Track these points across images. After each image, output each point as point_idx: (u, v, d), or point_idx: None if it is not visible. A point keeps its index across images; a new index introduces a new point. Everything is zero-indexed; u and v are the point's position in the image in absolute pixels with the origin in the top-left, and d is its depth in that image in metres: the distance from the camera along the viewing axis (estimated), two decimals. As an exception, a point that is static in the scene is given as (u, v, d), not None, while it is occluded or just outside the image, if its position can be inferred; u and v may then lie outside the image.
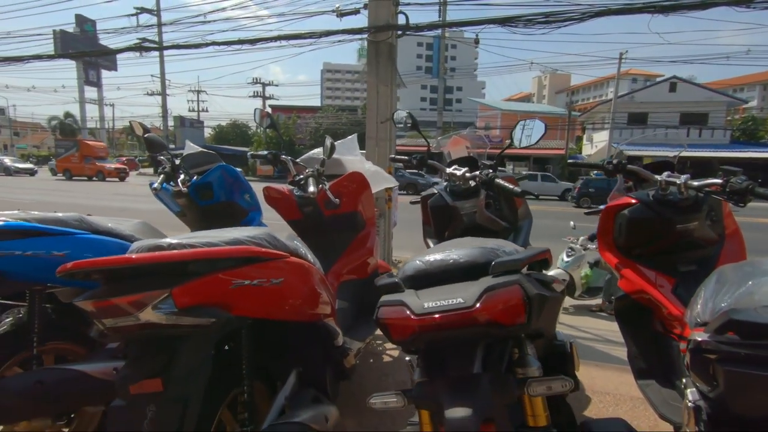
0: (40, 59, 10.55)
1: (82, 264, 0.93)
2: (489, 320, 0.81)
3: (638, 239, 1.80)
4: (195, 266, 1.04)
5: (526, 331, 0.86)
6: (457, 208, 1.95)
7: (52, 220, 1.46)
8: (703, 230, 1.68)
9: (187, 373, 1.03)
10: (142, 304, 0.96)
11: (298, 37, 7.82)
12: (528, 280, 0.85)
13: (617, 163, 1.82)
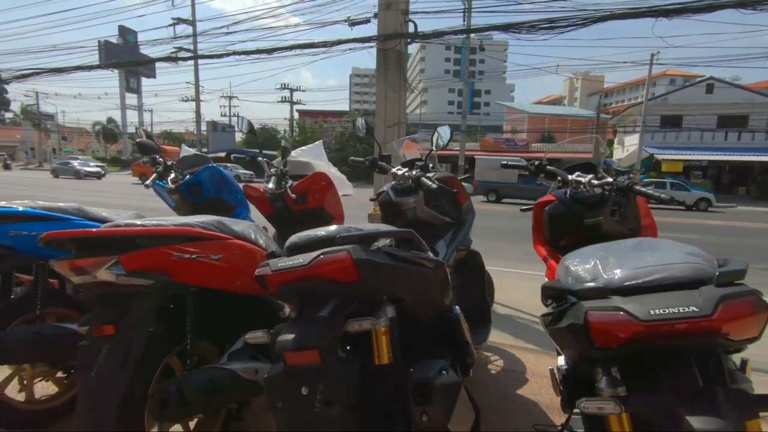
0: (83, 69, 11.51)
1: (54, 234, 1.27)
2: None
3: (559, 232, 2.01)
4: (141, 240, 1.35)
5: (360, 288, 1.07)
6: (400, 203, 2.20)
7: (55, 208, 1.82)
8: (609, 224, 1.86)
9: (134, 322, 1.34)
10: (98, 265, 1.28)
11: (312, 46, 8.20)
12: (367, 250, 1.06)
13: (538, 165, 2.03)
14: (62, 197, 13.58)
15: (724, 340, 0.81)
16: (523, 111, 37.34)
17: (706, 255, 0.96)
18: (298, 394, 1.00)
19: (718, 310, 0.78)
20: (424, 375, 1.07)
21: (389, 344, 1.14)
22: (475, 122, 47.08)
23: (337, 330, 1.04)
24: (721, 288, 0.82)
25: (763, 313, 0.79)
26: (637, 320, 0.82)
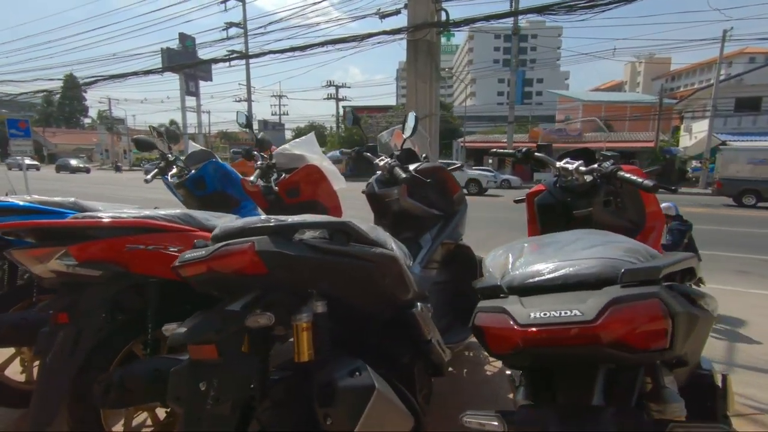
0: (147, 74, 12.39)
1: (9, 225, 1.34)
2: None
3: (549, 225, 1.85)
4: (93, 231, 1.39)
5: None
6: (383, 195, 2.12)
7: (51, 202, 1.93)
8: (602, 216, 1.68)
9: (86, 310, 1.39)
10: (49, 256, 1.33)
11: (343, 41, 8.22)
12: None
13: (526, 152, 1.88)
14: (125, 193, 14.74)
15: (622, 351, 0.66)
16: (576, 99, 35.35)
17: (644, 252, 0.81)
18: (196, 389, 0.97)
19: (603, 316, 0.65)
20: (329, 375, 1.00)
21: (310, 341, 1.08)
22: (526, 112, 45.30)
23: (237, 324, 0.99)
24: (623, 289, 0.68)
25: (662, 319, 0.64)
26: (517, 324, 0.71)
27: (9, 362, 1.93)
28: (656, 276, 0.71)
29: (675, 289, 0.73)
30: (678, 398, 0.74)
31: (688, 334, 0.69)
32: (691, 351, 0.83)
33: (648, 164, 24.58)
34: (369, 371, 1.04)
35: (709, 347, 2.72)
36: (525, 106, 52.12)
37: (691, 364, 0.89)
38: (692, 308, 0.71)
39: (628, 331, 0.66)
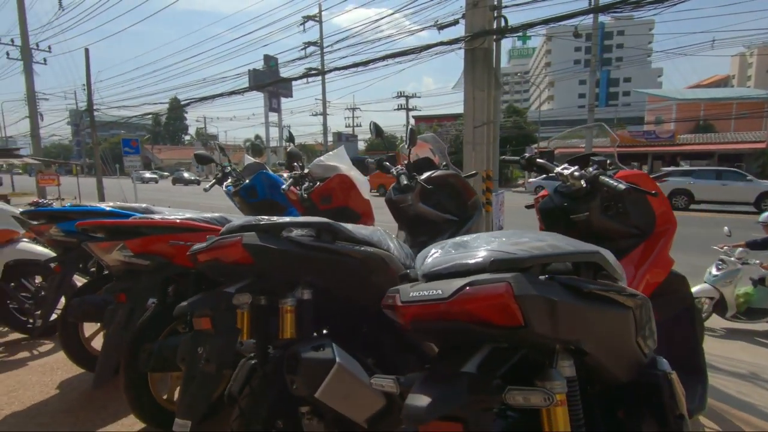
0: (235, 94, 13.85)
1: (85, 223, 1.73)
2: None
3: (553, 229, 1.88)
4: (145, 229, 1.74)
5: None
6: (398, 201, 2.29)
7: (128, 207, 2.37)
8: (600, 220, 1.69)
9: (138, 292, 1.74)
10: (112, 248, 1.70)
11: (402, 54, 8.49)
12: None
13: (528, 158, 1.93)
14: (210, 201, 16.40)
15: (487, 328, 0.77)
16: (668, 97, 32.15)
17: (548, 248, 0.89)
18: (194, 352, 1.22)
19: (457, 294, 0.76)
20: (297, 348, 1.19)
21: (293, 322, 1.30)
22: (611, 115, 42.15)
23: (226, 302, 1.23)
24: (485, 275, 0.79)
25: (506, 299, 0.73)
26: (399, 301, 0.85)
27: (95, 335, 2.39)
28: (520, 265, 0.80)
29: (556, 280, 0.82)
30: (560, 377, 0.81)
31: (551, 317, 0.77)
32: (597, 341, 0.88)
33: (757, 168, 21.60)
34: (333, 348, 1.21)
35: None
36: (610, 108, 48.50)
37: (622, 359, 0.95)
38: (563, 296, 0.78)
39: (475, 308, 0.76)
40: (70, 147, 51.45)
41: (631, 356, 1.03)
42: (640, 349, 1.04)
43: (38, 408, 2.10)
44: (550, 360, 0.87)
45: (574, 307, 0.81)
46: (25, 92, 17.99)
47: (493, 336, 0.80)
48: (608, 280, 0.99)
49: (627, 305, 0.94)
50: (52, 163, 19.58)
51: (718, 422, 1.94)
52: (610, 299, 0.90)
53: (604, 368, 0.99)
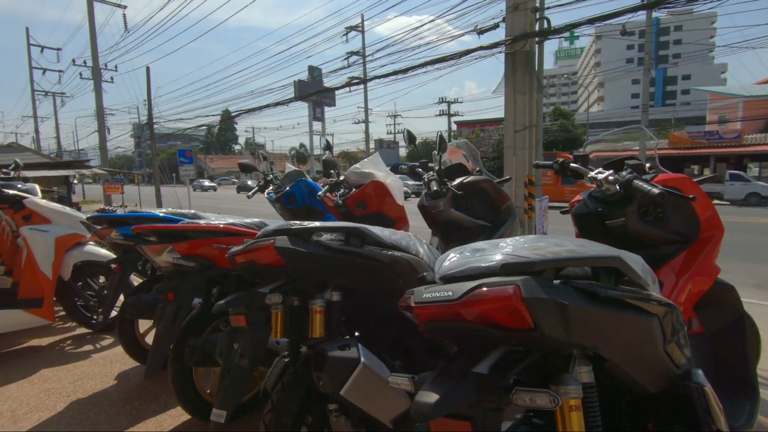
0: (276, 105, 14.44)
1: (139, 227, 1.89)
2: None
3: (588, 234, 1.84)
4: (192, 233, 1.88)
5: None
6: (430, 207, 2.31)
7: (178, 213, 2.56)
8: (637, 226, 1.64)
9: (185, 291, 1.87)
10: (162, 250, 1.85)
11: (442, 60, 8.50)
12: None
13: (562, 163, 1.90)
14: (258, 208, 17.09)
15: (498, 330, 0.78)
16: (734, 94, 29.82)
17: (563, 251, 0.89)
18: (231, 347, 1.32)
19: (466, 296, 0.78)
20: (323, 346, 1.25)
21: (322, 322, 1.36)
22: (668, 115, 39.73)
23: (260, 302, 1.31)
24: (495, 278, 0.79)
25: (513, 302, 0.74)
26: (413, 302, 0.87)
27: (148, 331, 2.59)
28: (531, 269, 0.80)
29: (571, 285, 0.82)
30: (575, 382, 0.80)
31: (566, 322, 0.76)
32: (617, 348, 0.86)
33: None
34: (359, 348, 1.26)
35: None
36: (667, 107, 45.69)
37: (625, 364, 0.90)
38: (576, 301, 0.78)
39: (484, 309, 0.77)
40: (133, 158, 55.46)
41: (660, 366, 1.00)
42: (670, 359, 1.00)
43: (98, 396, 2.30)
44: (567, 365, 0.87)
45: (589, 311, 0.80)
46: (95, 108, 19.66)
47: (506, 338, 0.82)
48: (634, 287, 0.97)
49: (652, 312, 0.92)
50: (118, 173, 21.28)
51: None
52: (631, 305, 0.89)
53: (629, 377, 0.97)
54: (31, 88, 27.40)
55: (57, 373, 2.58)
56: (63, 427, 2.02)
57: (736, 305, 1.58)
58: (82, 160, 18.43)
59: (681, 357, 1.04)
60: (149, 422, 2.03)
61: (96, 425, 2.03)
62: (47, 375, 2.56)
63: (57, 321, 3.47)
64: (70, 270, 3.02)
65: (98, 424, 2.04)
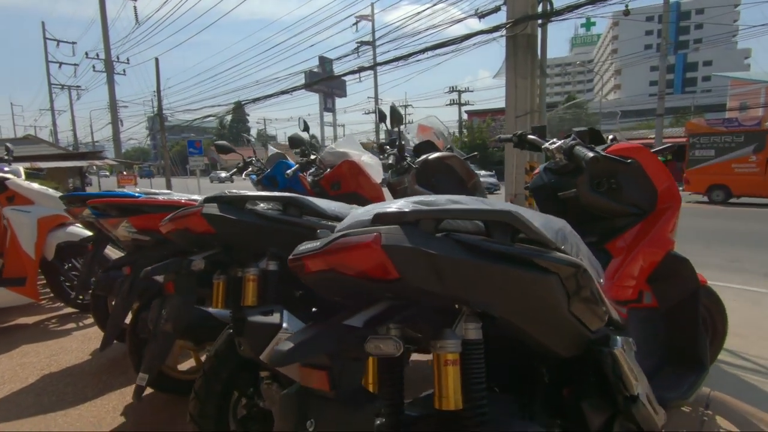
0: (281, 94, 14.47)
1: (96, 200, 1.91)
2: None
3: (544, 207, 1.80)
4: (147, 208, 1.89)
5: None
6: (396, 183, 2.28)
7: (151, 193, 2.58)
8: (590, 198, 1.59)
9: (140, 266, 1.89)
10: (119, 224, 1.87)
11: (442, 45, 8.37)
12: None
13: (520, 135, 1.86)
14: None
15: (356, 278, 0.77)
16: (755, 80, 28.78)
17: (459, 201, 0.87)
18: (159, 313, 1.33)
19: (327, 245, 0.77)
20: (244, 312, 1.24)
21: (255, 290, 1.36)
22: (687, 102, 38.63)
23: (186, 269, 1.31)
24: (363, 228, 0.78)
25: (373, 250, 0.71)
26: (291, 257, 0.88)
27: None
28: (403, 219, 0.77)
29: (452, 237, 0.79)
30: (453, 337, 0.78)
31: (437, 273, 0.73)
32: (507, 305, 0.83)
33: None
34: (282, 314, 1.24)
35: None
36: (687, 95, 44.39)
37: (523, 324, 0.88)
38: (448, 252, 0.74)
39: (345, 258, 0.75)
40: (148, 150, 56.35)
41: (568, 329, 0.96)
42: (581, 322, 0.97)
43: (71, 370, 2.35)
44: (451, 321, 0.84)
45: (466, 264, 0.77)
46: (108, 101, 19.99)
47: (377, 289, 0.80)
48: (536, 245, 0.93)
49: (550, 270, 0.88)
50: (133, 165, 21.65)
51: (739, 423, 1.74)
52: (525, 262, 0.85)
53: (534, 339, 0.94)
54: (48, 82, 28.01)
55: (36, 349, 2.64)
56: (31, 398, 2.07)
57: (691, 279, 1.53)
58: (94, 152, 18.80)
59: (596, 321, 1.01)
60: (113, 394, 2.07)
61: (63, 396, 2.08)
62: (26, 350, 2.63)
63: (47, 301, 3.57)
64: (53, 250, 3.08)
65: (65, 395, 2.09)
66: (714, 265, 4.69)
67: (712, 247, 5.82)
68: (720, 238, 6.61)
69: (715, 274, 4.02)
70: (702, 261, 4.24)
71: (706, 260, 4.81)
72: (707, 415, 1.79)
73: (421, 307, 0.84)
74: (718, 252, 5.50)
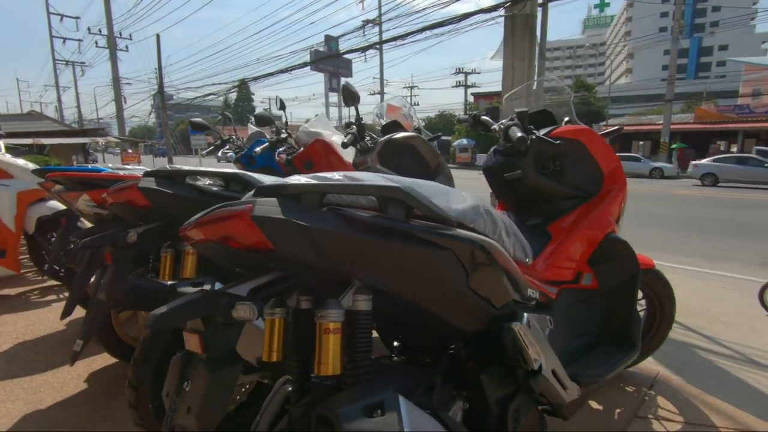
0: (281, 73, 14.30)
1: (56, 174, 1.95)
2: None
3: (496, 190, 1.81)
4: (103, 182, 1.91)
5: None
6: (360, 163, 2.29)
7: (121, 168, 2.61)
8: (536, 179, 1.60)
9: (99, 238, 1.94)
10: (77, 197, 1.91)
11: (440, 25, 8.21)
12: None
13: (473, 116, 1.86)
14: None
15: (235, 249, 0.80)
16: None
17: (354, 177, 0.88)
18: (99, 285, 1.36)
19: (205, 216, 0.80)
20: (177, 283, 1.28)
21: (194, 264, 1.40)
22: (699, 88, 37.75)
23: (117, 239, 1.35)
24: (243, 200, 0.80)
25: (242, 221, 0.74)
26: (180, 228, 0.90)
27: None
28: (283, 192, 0.79)
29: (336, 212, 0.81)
30: (336, 306, 0.80)
31: (312, 245, 0.75)
32: (399, 280, 0.85)
33: None
34: (214, 286, 1.28)
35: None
36: (700, 80, 43.32)
37: (418, 298, 0.90)
38: (324, 225, 0.75)
39: (218, 228, 0.78)
40: (154, 128, 56.36)
41: (468, 304, 0.98)
42: (482, 298, 0.99)
43: (44, 339, 2.43)
44: (340, 292, 0.87)
45: (344, 237, 0.79)
46: (111, 77, 19.92)
47: (259, 260, 0.82)
48: (434, 221, 0.95)
49: (443, 246, 0.90)
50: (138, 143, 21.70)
51: (679, 405, 1.77)
52: (412, 237, 0.87)
53: (432, 313, 0.96)
54: (52, 58, 27.92)
55: (14, 319, 2.73)
56: (1, 365, 2.15)
57: (630, 262, 1.54)
58: (97, 129, 18.85)
59: (501, 297, 1.03)
60: (80, 363, 2.14)
61: (32, 363, 2.15)
62: (4, 320, 2.71)
63: (32, 273, 3.66)
64: (33, 224, 3.14)
65: (35, 362, 2.17)
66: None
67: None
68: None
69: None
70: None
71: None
72: (649, 395, 1.83)
73: (308, 278, 0.87)
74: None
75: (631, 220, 7.49)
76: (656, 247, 4.80)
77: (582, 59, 66.59)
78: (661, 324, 1.90)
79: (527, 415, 1.10)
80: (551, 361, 1.10)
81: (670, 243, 5.31)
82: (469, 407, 1.05)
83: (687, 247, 5.06)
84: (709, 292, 3.34)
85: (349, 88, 2.35)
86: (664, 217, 7.53)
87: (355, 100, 2.26)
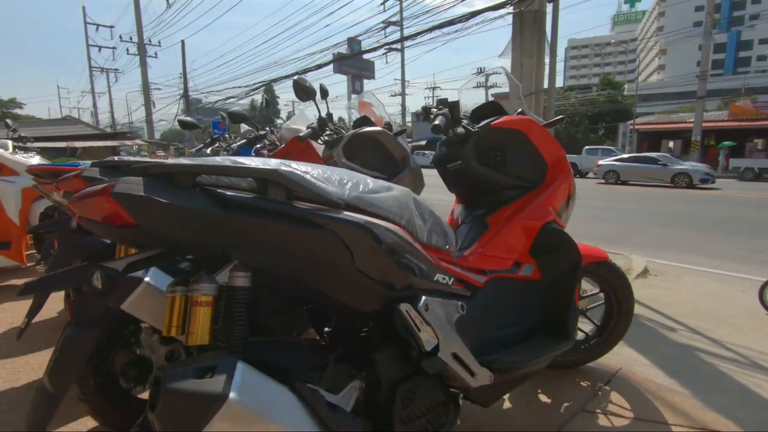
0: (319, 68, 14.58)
1: (35, 168, 2.07)
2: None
3: (446, 181, 1.82)
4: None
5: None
6: (324, 157, 2.33)
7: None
8: (477, 170, 1.60)
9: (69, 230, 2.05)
10: (52, 190, 2.03)
11: (449, 24, 8.20)
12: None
13: (424, 108, 1.87)
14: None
15: (104, 224, 0.83)
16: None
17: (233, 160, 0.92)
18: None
19: (77, 194, 0.84)
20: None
21: None
22: (737, 84, 36.00)
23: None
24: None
25: (102, 197, 0.77)
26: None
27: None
28: (147, 172, 0.82)
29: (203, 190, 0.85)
30: (207, 281, 0.86)
31: (176, 222, 0.79)
32: (276, 259, 0.89)
33: None
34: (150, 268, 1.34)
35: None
36: (739, 75, 41.30)
37: (300, 277, 0.94)
38: (188, 202, 0.79)
39: (85, 205, 0.81)
40: (184, 132, 58.28)
41: (360, 286, 1.01)
42: (374, 280, 1.01)
43: (35, 325, 2.50)
44: (218, 268, 0.92)
45: (209, 215, 0.82)
46: (141, 83, 20.77)
47: (128, 236, 0.87)
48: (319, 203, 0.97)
49: (325, 227, 0.93)
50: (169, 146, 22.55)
51: (633, 401, 1.72)
52: (292, 217, 0.90)
53: (321, 292, 0.99)
54: (88, 65, 29.36)
55: (14, 306, 2.90)
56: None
57: (571, 254, 1.52)
58: (125, 132, 19.67)
59: (397, 280, 1.05)
60: (61, 347, 2.26)
61: (18, 346, 2.29)
62: (5, 307, 2.90)
63: (41, 265, 3.87)
64: (37, 218, 3.33)
65: (21, 344, 2.30)
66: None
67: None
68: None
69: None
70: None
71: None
72: (603, 390, 1.79)
73: (186, 254, 0.91)
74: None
75: (651, 220, 7.17)
76: (680, 248, 4.61)
77: (613, 56, 64.63)
78: (619, 319, 1.86)
79: (427, 397, 1.11)
80: (452, 344, 1.11)
81: (695, 244, 5.10)
82: (366, 386, 1.07)
83: (711, 248, 4.84)
84: (726, 294, 3.18)
85: (301, 83, 2.34)
86: (686, 217, 7.23)
87: (310, 95, 2.25)
